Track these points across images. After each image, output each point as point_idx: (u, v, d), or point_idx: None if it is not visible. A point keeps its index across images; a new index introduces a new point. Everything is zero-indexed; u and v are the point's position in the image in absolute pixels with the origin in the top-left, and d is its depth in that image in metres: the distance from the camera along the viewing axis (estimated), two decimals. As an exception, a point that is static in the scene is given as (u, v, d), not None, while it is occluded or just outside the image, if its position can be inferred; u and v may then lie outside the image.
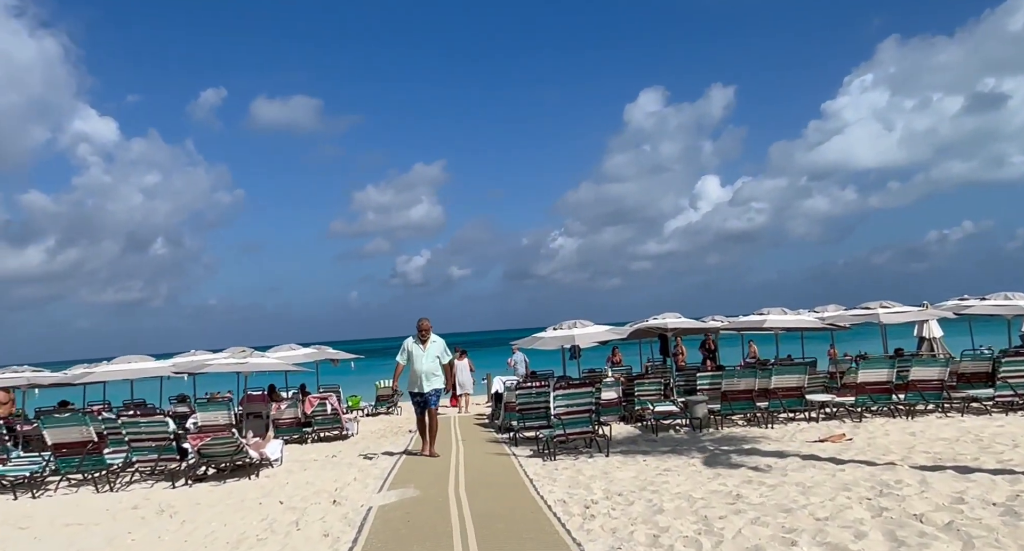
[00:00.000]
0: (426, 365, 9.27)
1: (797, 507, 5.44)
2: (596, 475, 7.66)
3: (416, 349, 9.31)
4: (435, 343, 9.41)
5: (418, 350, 9.30)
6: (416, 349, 9.31)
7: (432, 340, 9.38)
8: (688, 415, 11.30)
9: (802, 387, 10.99)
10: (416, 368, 9.25)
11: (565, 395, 9.27)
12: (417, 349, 9.31)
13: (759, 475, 6.96)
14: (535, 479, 7.56)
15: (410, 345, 9.37)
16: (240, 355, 13.79)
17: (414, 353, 9.29)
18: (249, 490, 7.74)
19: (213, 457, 8.41)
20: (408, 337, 9.51)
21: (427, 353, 9.32)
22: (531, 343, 14.62)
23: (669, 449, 9.16)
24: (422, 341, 9.34)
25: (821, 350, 19.14)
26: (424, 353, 9.30)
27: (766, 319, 12.62)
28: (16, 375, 12.55)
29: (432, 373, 9.31)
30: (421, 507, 6.20)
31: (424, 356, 9.28)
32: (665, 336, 14.38)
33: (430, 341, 9.37)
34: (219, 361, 13.97)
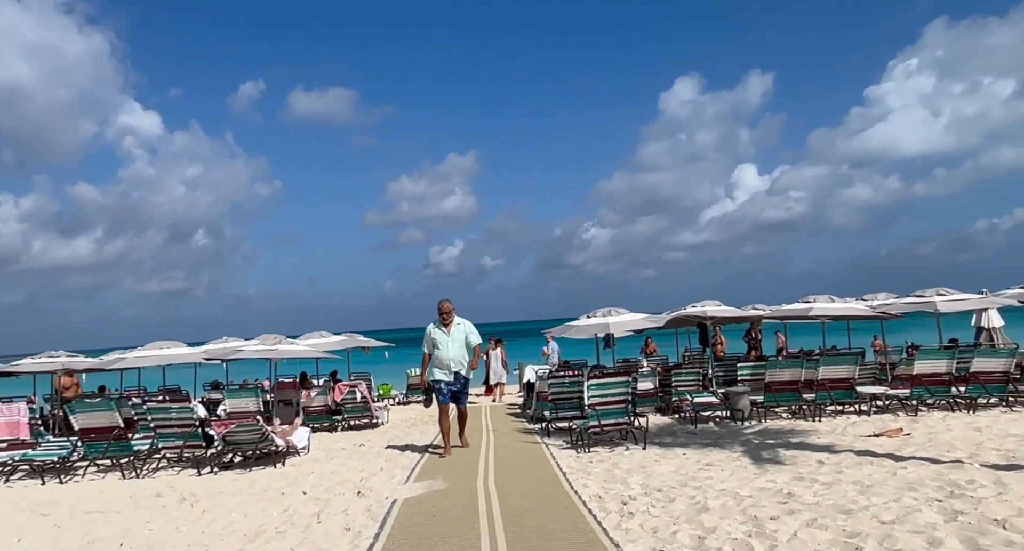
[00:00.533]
0: (453, 351, 8.38)
1: (858, 508, 4.96)
2: (633, 469, 7.25)
3: (440, 335, 8.40)
4: (460, 325, 8.46)
5: (441, 336, 8.39)
6: (440, 335, 8.40)
7: (456, 322, 8.45)
8: (729, 407, 10.78)
9: (852, 378, 10.37)
10: (441, 355, 8.38)
11: (599, 385, 8.85)
12: (440, 334, 8.40)
13: (811, 472, 6.46)
14: (568, 472, 7.19)
15: (433, 331, 8.47)
16: (270, 342, 13.72)
17: (438, 339, 8.40)
18: (273, 479, 7.53)
19: (238, 444, 8.23)
20: (430, 324, 8.60)
21: (452, 337, 8.39)
22: (564, 331, 14.21)
23: (710, 442, 8.69)
24: (444, 325, 8.42)
25: (864, 341, 18.30)
26: (449, 338, 8.38)
27: (812, 307, 11.98)
28: (51, 360, 12.63)
29: (459, 359, 8.43)
30: (448, 501, 5.88)
31: (450, 341, 8.37)
32: (704, 325, 13.82)
33: (454, 324, 8.43)
34: (249, 348, 13.91)
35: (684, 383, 12.58)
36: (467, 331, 8.50)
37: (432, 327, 8.51)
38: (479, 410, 14.88)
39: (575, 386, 10.91)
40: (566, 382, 11.00)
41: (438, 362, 8.43)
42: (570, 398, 10.84)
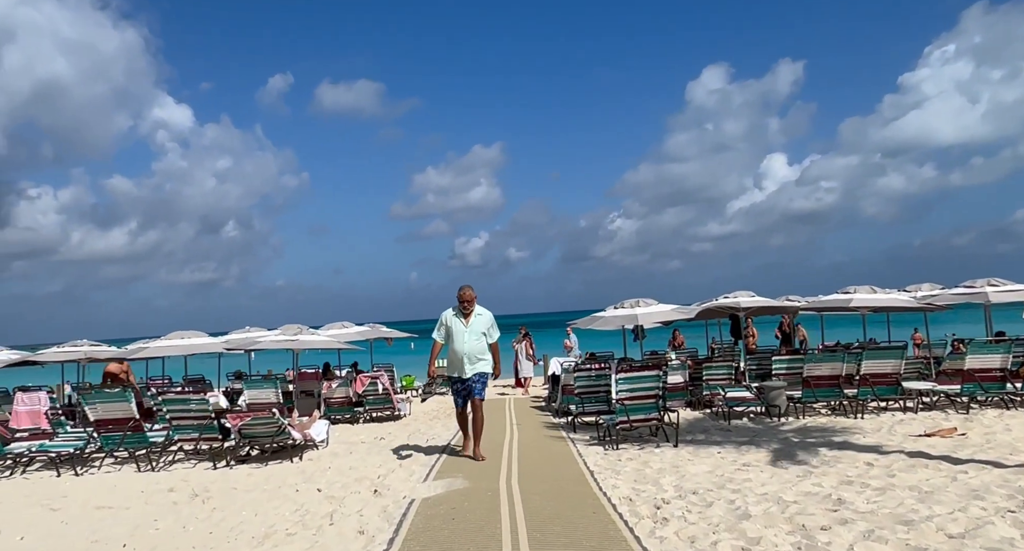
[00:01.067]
0: (469, 344, 7.33)
1: (919, 518, 4.49)
2: (665, 468, 6.83)
3: (456, 324, 7.37)
4: (480, 316, 7.41)
5: (459, 325, 7.36)
6: (456, 324, 7.37)
7: (477, 313, 7.40)
8: (764, 402, 10.28)
9: (898, 373, 9.78)
10: (456, 348, 7.33)
11: (628, 378, 8.43)
12: (458, 324, 7.37)
13: (860, 475, 5.97)
14: (596, 471, 6.80)
15: (449, 318, 7.41)
16: (291, 332, 13.53)
17: (454, 329, 7.36)
18: (289, 474, 7.27)
19: (254, 437, 8.00)
20: (447, 309, 7.54)
21: (470, 329, 7.34)
22: (590, 323, 13.79)
23: (746, 440, 8.22)
24: (464, 314, 7.38)
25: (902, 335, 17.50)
26: (467, 329, 7.34)
27: (852, 298, 11.36)
28: (74, 349, 12.59)
29: (477, 355, 7.37)
30: (468, 502, 5.53)
31: (467, 332, 7.33)
32: (737, 316, 13.28)
33: (474, 314, 7.38)
34: (270, 338, 13.75)
35: (715, 377, 12.09)
36: (487, 324, 7.46)
37: (449, 313, 7.46)
38: (503, 403, 14.57)
39: (602, 379, 10.50)
40: (593, 375, 10.60)
41: (451, 356, 7.43)
42: (597, 392, 10.44)
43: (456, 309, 7.46)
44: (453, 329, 7.37)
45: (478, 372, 7.41)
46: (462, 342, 7.34)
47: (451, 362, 7.46)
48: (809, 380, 10.04)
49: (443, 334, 7.46)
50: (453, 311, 7.47)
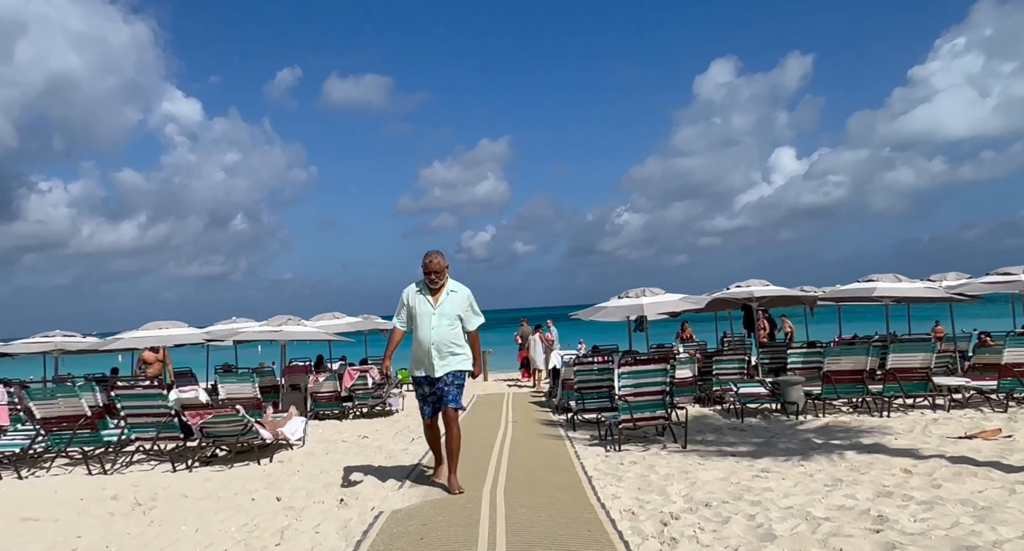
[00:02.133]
0: (438, 331, 5.29)
1: (984, 544, 3.68)
2: (673, 474, 6.04)
3: (421, 303, 5.36)
4: (454, 294, 5.45)
5: (424, 305, 5.35)
6: (421, 303, 5.36)
7: (450, 289, 5.44)
8: (780, 399, 9.47)
9: (927, 368, 8.95)
10: (421, 337, 5.34)
11: (632, 373, 7.63)
12: (423, 303, 5.36)
13: (898, 484, 5.17)
14: (595, 477, 6.01)
15: (411, 297, 5.44)
16: (276, 323, 12.80)
17: (418, 311, 5.36)
18: (252, 479, 6.51)
19: (218, 437, 7.25)
20: (410, 285, 5.56)
21: (440, 310, 5.33)
22: (593, 313, 12.99)
23: (762, 441, 7.43)
24: (432, 291, 5.39)
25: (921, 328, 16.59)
26: (435, 310, 5.33)
27: (876, 287, 10.53)
28: (46, 340, 11.89)
29: (449, 346, 5.33)
30: (444, 515, 4.76)
31: (434, 315, 5.32)
32: (750, 307, 12.45)
33: (446, 291, 5.42)
34: (253, 329, 13.02)
35: (726, 371, 11.32)
36: (464, 304, 5.46)
37: (411, 290, 5.48)
38: (500, 398, 13.81)
39: (604, 373, 9.73)
40: (594, 369, 9.83)
41: (415, 348, 5.41)
42: (599, 387, 9.68)
43: (421, 284, 5.44)
44: (417, 311, 5.36)
45: (452, 371, 5.33)
46: (428, 328, 5.29)
47: (415, 356, 5.41)
48: (829, 375, 9.22)
49: (404, 318, 5.50)
50: (417, 287, 5.47)
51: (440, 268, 5.37)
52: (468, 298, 5.54)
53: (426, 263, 5.37)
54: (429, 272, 5.36)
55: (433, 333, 5.32)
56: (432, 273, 5.37)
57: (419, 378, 5.48)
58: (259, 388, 11.29)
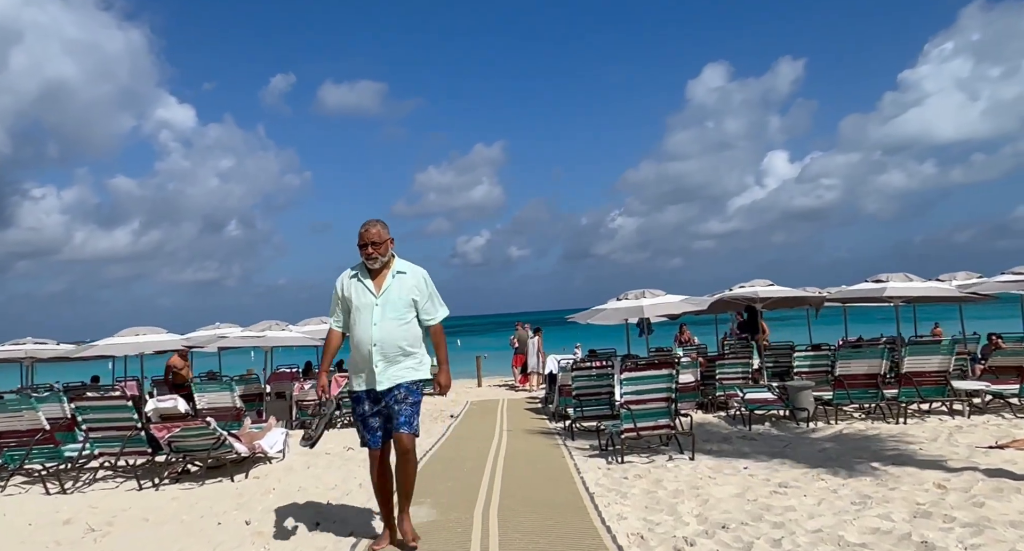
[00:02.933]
0: (383, 327, 4.00)
1: (1054, 579, 3.18)
2: (682, 490, 5.52)
3: (359, 292, 4.09)
4: (403, 277, 4.13)
5: (363, 294, 4.08)
6: (359, 292, 4.09)
7: (397, 270, 4.14)
8: (789, 405, 8.97)
9: (946, 371, 8.47)
10: (359, 336, 4.04)
11: (635, 379, 7.12)
12: (361, 292, 4.09)
13: (934, 502, 4.66)
14: (597, 494, 5.49)
15: (345, 285, 4.18)
16: (259, 328, 12.24)
17: (355, 302, 4.08)
18: (222, 499, 5.95)
19: (188, 451, 6.69)
20: (345, 272, 4.23)
21: (385, 299, 4.05)
22: (591, 316, 12.48)
23: (775, 451, 6.92)
24: (371, 274, 4.12)
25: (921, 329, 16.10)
26: (378, 300, 4.05)
27: (886, 287, 10.06)
28: (15, 348, 11.31)
29: (399, 347, 4.01)
30: (430, 543, 4.23)
31: (377, 307, 4.03)
32: (753, 308, 11.96)
33: (392, 273, 4.12)
34: (236, 335, 12.46)
35: (730, 376, 10.81)
36: (418, 289, 4.12)
37: (345, 277, 4.19)
38: (495, 405, 13.28)
39: (603, 379, 9.23)
40: (593, 374, 9.32)
41: (353, 351, 4.10)
42: (597, 394, 9.18)
43: (358, 267, 4.15)
44: (354, 302, 4.06)
45: (404, 382, 3.99)
46: (369, 324, 3.97)
47: (353, 364, 4.11)
48: (842, 379, 8.73)
49: (340, 315, 4.20)
50: (352, 271, 4.18)
51: (380, 239, 4.01)
52: (423, 281, 4.14)
53: (362, 235, 4.01)
54: (364, 245, 4.01)
55: (375, 331, 3.94)
56: (368, 246, 3.99)
57: (358, 393, 4.05)
58: (244, 396, 10.76)
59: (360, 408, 4.13)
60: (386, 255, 4.12)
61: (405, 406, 4.03)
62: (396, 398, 4.03)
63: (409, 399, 4.05)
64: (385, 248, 4.10)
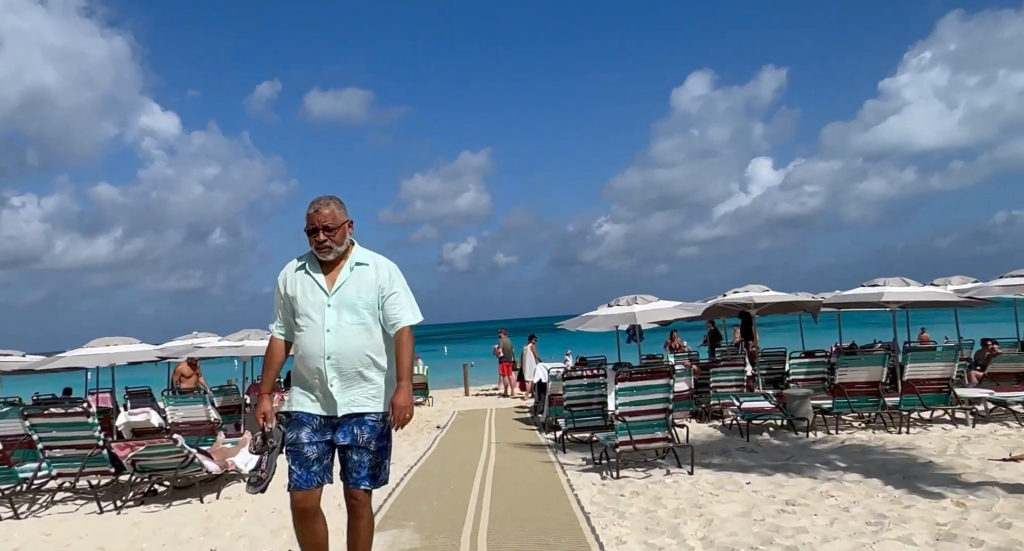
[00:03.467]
0: (337, 334, 3.06)
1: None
2: (683, 508, 5.17)
3: (307, 289, 3.16)
4: (363, 270, 3.19)
5: (311, 291, 3.15)
6: (307, 289, 3.16)
7: (356, 261, 3.20)
8: (787, 414, 8.66)
9: (949, 378, 8.20)
10: (307, 345, 3.08)
11: (631, 389, 6.77)
12: (309, 288, 3.16)
13: (956, 522, 4.34)
14: (593, 514, 5.13)
15: (289, 281, 3.22)
16: (236, 338, 11.78)
17: (300, 302, 3.14)
18: (189, 523, 5.52)
19: (154, 471, 6.24)
20: (289, 264, 3.28)
21: (339, 298, 3.11)
22: (580, 323, 12.13)
23: (778, 464, 6.59)
24: (323, 267, 3.19)
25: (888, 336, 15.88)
26: (330, 298, 3.11)
27: (883, 291, 9.81)
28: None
29: (357, 360, 3.06)
30: (412, 575, 3.84)
31: (330, 308, 3.09)
32: (748, 314, 11.68)
33: (348, 263, 3.19)
34: (212, 344, 11.99)
35: (724, 384, 10.51)
36: (380, 287, 3.16)
37: (290, 269, 3.26)
38: (483, 414, 12.89)
39: (595, 389, 8.88)
40: (584, 384, 8.96)
41: (298, 364, 3.16)
42: (589, 404, 8.82)
43: (307, 257, 3.24)
44: (300, 302, 3.14)
45: (371, 415, 3.07)
46: (319, 330, 3.06)
47: (297, 378, 3.16)
48: (842, 387, 8.44)
49: (283, 320, 3.23)
50: (299, 263, 3.25)
51: (335, 222, 3.07)
52: (390, 275, 3.16)
53: (308, 216, 3.09)
54: (315, 230, 3.07)
55: (329, 340, 2.99)
56: (320, 231, 3.05)
57: (301, 416, 3.05)
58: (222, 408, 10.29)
59: (297, 433, 3.02)
60: (343, 243, 3.15)
61: (365, 453, 3.00)
62: (356, 438, 3.01)
63: (372, 438, 3.01)
64: (342, 234, 3.13)
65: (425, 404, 15.83)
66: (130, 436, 9.84)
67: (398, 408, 2.96)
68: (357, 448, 3.04)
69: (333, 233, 3.11)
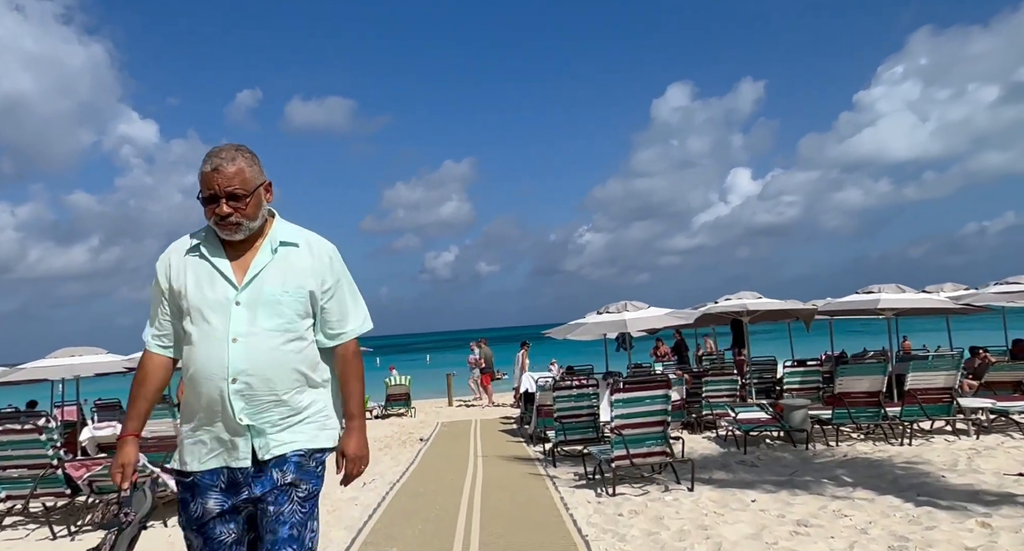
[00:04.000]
0: (248, 345, 2.04)
1: None
2: (688, 530, 4.81)
3: (202, 279, 2.11)
4: (290, 253, 2.17)
5: (210, 283, 2.11)
6: (202, 279, 2.11)
7: (280, 240, 2.17)
8: (785, 425, 8.36)
9: (951, 388, 7.95)
10: (201, 364, 2.05)
11: (628, 401, 6.41)
12: (206, 280, 2.11)
13: (984, 546, 4.01)
14: (591, 537, 4.75)
15: (174, 269, 2.16)
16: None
17: (197, 299, 2.08)
18: (152, 549, 5.04)
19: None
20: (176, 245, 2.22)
21: (254, 291, 2.09)
22: (568, 331, 11.79)
23: (782, 480, 6.26)
24: (227, 247, 2.16)
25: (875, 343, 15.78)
26: (240, 293, 2.08)
27: (879, 299, 9.58)
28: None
29: (277, 382, 2.07)
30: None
31: (238, 308, 2.07)
32: (740, 321, 11.41)
33: (266, 244, 2.16)
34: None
35: (717, 393, 10.21)
36: (314, 276, 2.17)
37: (176, 254, 2.19)
38: (467, 426, 12.46)
39: (586, 399, 8.51)
40: (575, 394, 8.59)
41: (189, 392, 2.11)
42: (579, 415, 8.45)
43: (205, 236, 2.20)
44: (192, 298, 2.10)
45: (294, 454, 2.11)
46: (223, 340, 2.05)
47: (187, 412, 2.13)
48: (841, 397, 8.16)
49: (164, 327, 2.20)
50: (192, 242, 2.19)
51: (246, 186, 2.08)
52: (331, 263, 2.23)
53: (204, 175, 2.07)
54: (214, 198, 2.07)
55: (236, 354, 2.04)
56: (223, 200, 2.06)
57: (200, 478, 2.09)
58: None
59: (196, 505, 2.08)
60: (256, 216, 2.11)
61: (293, 504, 2.06)
62: (278, 485, 2.06)
63: (302, 487, 2.08)
64: (256, 203, 2.10)
65: (407, 415, 15.39)
66: (95, 451, 9.30)
67: (351, 459, 2.19)
68: (278, 496, 2.05)
69: (243, 202, 2.07)
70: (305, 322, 2.17)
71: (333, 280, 2.23)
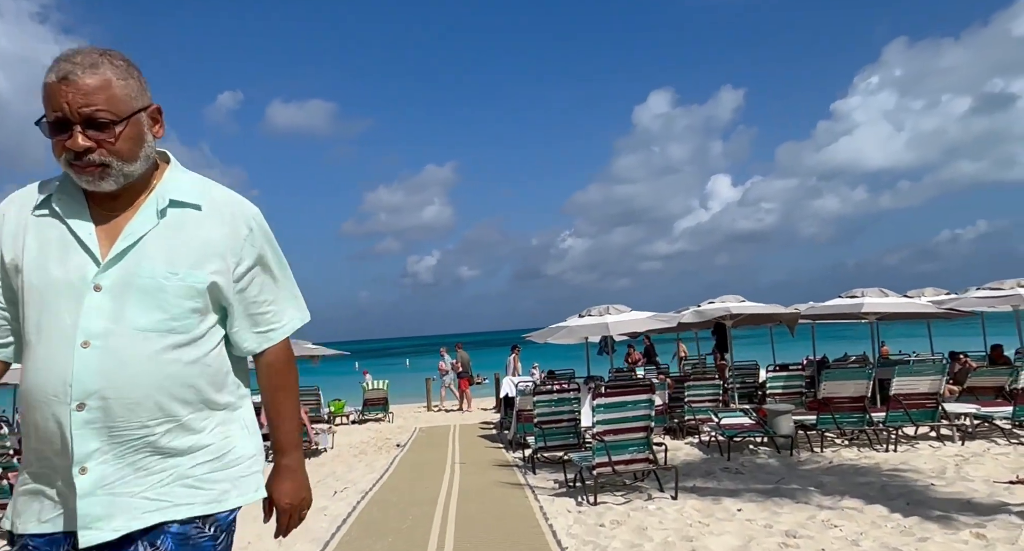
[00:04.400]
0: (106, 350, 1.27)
1: None
2: (672, 540, 4.59)
3: (49, 246, 1.33)
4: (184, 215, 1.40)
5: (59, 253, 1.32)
6: (49, 246, 1.33)
7: (171, 198, 1.39)
8: (769, 431, 8.20)
9: (937, 393, 7.84)
10: (36, 374, 1.27)
11: (610, 406, 6.19)
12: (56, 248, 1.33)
13: (982, 558, 3.85)
14: (571, 548, 4.52)
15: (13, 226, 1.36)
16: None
17: (36, 277, 1.31)
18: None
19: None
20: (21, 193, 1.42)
21: (125, 269, 1.31)
22: (550, 334, 11.57)
23: (768, 488, 6.07)
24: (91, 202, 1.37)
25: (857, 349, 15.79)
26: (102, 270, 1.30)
27: (863, 303, 9.50)
28: None
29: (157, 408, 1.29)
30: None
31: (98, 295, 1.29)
32: (723, 325, 11.27)
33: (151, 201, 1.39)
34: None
35: (700, 398, 10.03)
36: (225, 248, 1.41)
37: (15, 209, 1.39)
38: (446, 431, 12.17)
39: (566, 404, 8.29)
40: (555, 399, 8.36)
41: (28, 420, 1.31)
42: (560, 421, 8.22)
43: (60, 186, 1.40)
44: (29, 278, 1.33)
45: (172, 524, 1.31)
46: (70, 342, 1.27)
47: (25, 443, 1.35)
48: (827, 402, 8.01)
49: None
50: (41, 195, 1.39)
51: (114, 110, 1.31)
52: (249, 232, 1.47)
53: (48, 88, 1.29)
54: (64, 123, 1.29)
55: (84, 361, 1.27)
56: (77, 131, 1.29)
57: (35, 541, 1.30)
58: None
59: None
60: (133, 156, 1.35)
61: None
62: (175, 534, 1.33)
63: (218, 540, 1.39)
64: (133, 136, 1.35)
65: (385, 420, 15.05)
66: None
67: (283, 510, 1.54)
68: None
69: (110, 133, 1.32)
70: (203, 319, 1.39)
71: (253, 257, 1.46)
